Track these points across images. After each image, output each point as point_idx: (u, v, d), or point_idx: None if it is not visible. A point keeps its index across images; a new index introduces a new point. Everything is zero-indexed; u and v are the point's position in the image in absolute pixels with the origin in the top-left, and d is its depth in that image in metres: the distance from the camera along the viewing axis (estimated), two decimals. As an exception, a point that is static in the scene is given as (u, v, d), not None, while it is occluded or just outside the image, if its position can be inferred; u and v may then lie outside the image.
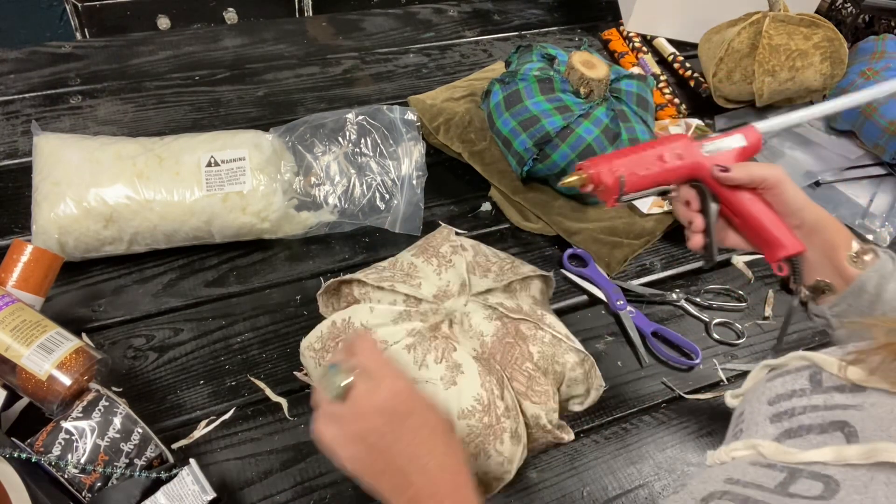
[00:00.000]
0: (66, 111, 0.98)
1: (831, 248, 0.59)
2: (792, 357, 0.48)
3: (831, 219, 0.61)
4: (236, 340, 0.76)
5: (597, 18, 1.33)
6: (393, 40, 1.20)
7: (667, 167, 0.64)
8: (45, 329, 0.62)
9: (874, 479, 0.33)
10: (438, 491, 0.46)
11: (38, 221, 0.74)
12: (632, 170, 0.63)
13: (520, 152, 0.89)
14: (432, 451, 0.48)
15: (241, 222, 0.79)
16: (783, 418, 0.43)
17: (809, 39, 1.05)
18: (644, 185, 0.64)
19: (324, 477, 0.66)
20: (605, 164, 0.64)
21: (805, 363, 0.46)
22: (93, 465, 0.57)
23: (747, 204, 0.62)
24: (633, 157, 0.64)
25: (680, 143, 0.65)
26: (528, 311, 0.66)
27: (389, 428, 0.47)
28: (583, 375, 0.65)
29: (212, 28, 1.20)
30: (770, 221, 0.61)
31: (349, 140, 0.88)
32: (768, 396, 0.46)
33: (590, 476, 0.69)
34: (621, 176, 0.63)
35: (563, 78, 0.89)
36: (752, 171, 0.61)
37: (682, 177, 0.65)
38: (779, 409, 0.44)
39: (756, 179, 0.61)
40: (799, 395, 0.44)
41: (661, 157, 0.64)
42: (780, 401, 0.44)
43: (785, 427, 0.42)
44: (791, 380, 0.46)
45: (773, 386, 0.46)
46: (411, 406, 0.49)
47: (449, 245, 0.71)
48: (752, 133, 0.65)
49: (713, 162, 0.63)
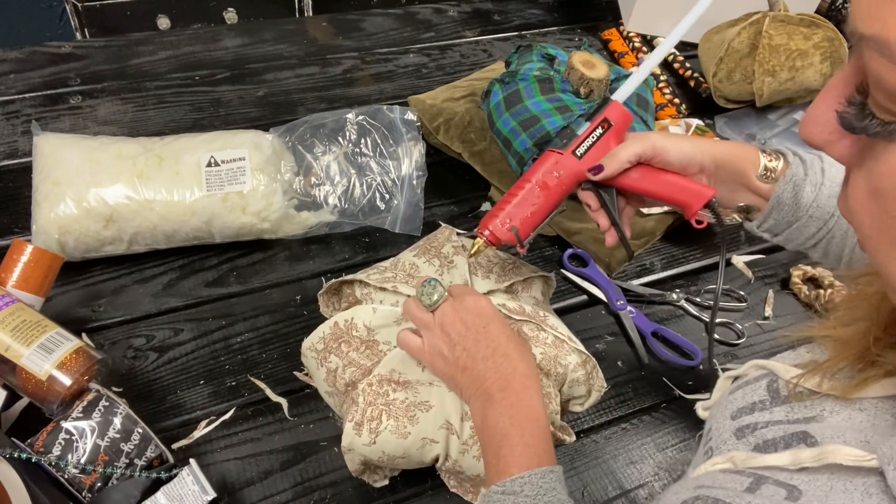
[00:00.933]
0: (66, 111, 0.98)
1: (740, 175, 0.61)
2: (750, 366, 0.49)
3: (731, 149, 0.61)
4: (236, 340, 0.76)
5: (597, 18, 1.33)
6: (393, 40, 1.20)
7: (551, 192, 0.63)
8: (45, 329, 0.62)
9: (833, 489, 0.34)
10: (509, 386, 0.54)
11: (38, 221, 0.74)
12: (521, 213, 0.63)
13: (520, 152, 0.88)
14: (507, 355, 0.56)
15: (242, 222, 0.79)
16: (746, 433, 0.43)
17: (809, 39, 1.05)
18: (538, 220, 0.64)
19: (324, 477, 0.66)
20: (494, 220, 0.63)
21: (762, 371, 0.47)
22: (93, 465, 0.57)
23: (640, 182, 0.61)
24: (517, 199, 0.63)
25: (551, 160, 0.63)
26: (531, 312, 0.66)
27: (471, 333, 0.56)
28: (584, 377, 0.65)
29: (212, 28, 1.20)
30: (669, 186, 0.60)
31: (349, 140, 0.88)
32: (731, 410, 0.46)
33: (590, 476, 0.69)
34: (513, 227, 0.63)
35: (564, 78, 0.89)
36: (622, 156, 0.60)
37: (568, 191, 0.64)
38: (741, 424, 0.44)
39: (631, 160, 0.60)
40: (760, 409, 0.44)
41: (542, 184, 0.63)
42: (743, 415, 0.45)
43: (752, 443, 0.42)
44: (751, 391, 0.46)
45: (734, 399, 0.47)
46: (489, 318, 0.57)
47: (451, 245, 0.71)
48: (614, 110, 0.62)
49: (586, 166, 0.62)
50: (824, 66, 1.07)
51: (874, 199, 0.31)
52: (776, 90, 1.08)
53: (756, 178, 0.60)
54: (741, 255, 0.93)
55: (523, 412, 0.53)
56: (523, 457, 0.51)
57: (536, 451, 0.52)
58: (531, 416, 0.54)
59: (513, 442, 0.52)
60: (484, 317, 0.57)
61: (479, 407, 0.55)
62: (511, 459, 0.51)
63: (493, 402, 0.54)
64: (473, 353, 0.56)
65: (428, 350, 0.59)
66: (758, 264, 0.93)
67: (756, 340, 0.84)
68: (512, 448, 0.52)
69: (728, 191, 0.62)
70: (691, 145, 0.61)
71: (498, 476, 0.51)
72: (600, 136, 0.62)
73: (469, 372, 0.56)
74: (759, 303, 0.88)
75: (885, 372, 0.38)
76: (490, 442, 0.54)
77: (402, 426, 0.59)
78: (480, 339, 0.56)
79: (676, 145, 0.60)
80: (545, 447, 0.53)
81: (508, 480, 0.50)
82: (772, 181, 0.60)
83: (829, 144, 0.34)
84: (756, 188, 0.61)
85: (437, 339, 0.58)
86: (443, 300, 0.59)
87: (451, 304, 0.58)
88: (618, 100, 0.63)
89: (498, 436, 0.53)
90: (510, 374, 0.55)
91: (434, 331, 0.58)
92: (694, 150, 0.60)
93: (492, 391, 0.55)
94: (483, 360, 0.56)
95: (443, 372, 0.59)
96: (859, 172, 0.32)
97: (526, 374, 0.56)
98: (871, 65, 0.28)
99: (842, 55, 1.06)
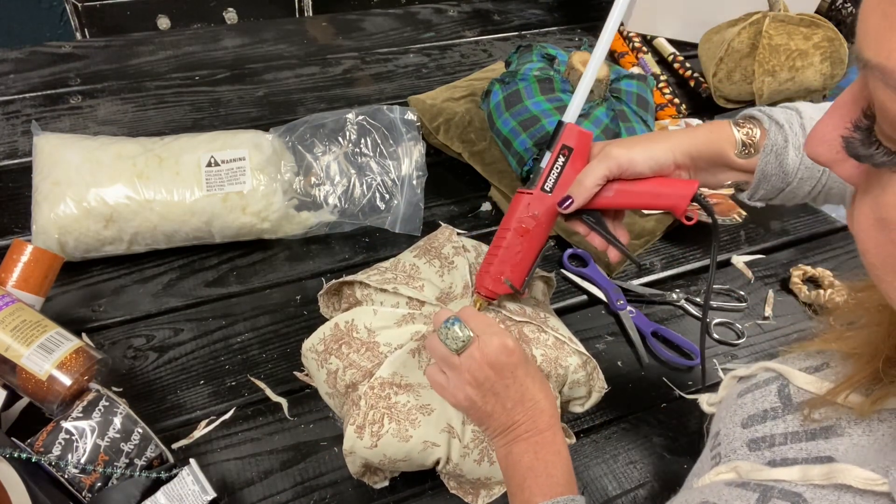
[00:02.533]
0: (66, 111, 0.98)
1: (719, 157, 0.58)
2: (759, 367, 0.48)
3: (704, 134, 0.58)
4: (236, 340, 0.76)
5: (597, 18, 1.33)
6: (393, 40, 1.20)
7: (531, 234, 0.62)
8: (45, 329, 0.62)
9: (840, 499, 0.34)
10: (535, 427, 0.55)
11: (38, 221, 0.74)
12: (510, 262, 0.63)
13: (520, 152, 0.88)
14: (535, 399, 0.56)
15: (242, 222, 0.79)
16: (762, 446, 0.42)
17: (809, 39, 1.05)
18: (527, 265, 0.63)
19: (324, 477, 0.66)
20: (488, 277, 0.63)
21: (772, 374, 0.46)
22: (93, 465, 0.57)
23: (616, 199, 0.59)
24: (502, 251, 0.63)
25: (523, 203, 0.61)
26: (532, 313, 0.66)
27: (500, 378, 0.55)
28: (585, 378, 0.65)
29: (212, 28, 1.20)
30: (647, 195, 0.58)
31: (349, 140, 0.88)
32: (741, 417, 0.45)
33: (590, 476, 0.69)
34: (505, 279, 0.63)
35: (563, 78, 0.89)
36: (587, 182, 0.57)
37: (549, 228, 0.63)
38: (755, 435, 0.43)
39: (599, 183, 0.58)
40: (772, 417, 0.43)
41: (521, 230, 0.62)
42: (754, 423, 0.44)
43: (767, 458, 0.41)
44: (761, 396, 0.45)
45: (743, 403, 0.46)
46: (518, 361, 0.56)
47: (451, 246, 0.71)
48: (569, 134, 0.59)
49: (555, 200, 0.60)
50: (824, 66, 1.07)
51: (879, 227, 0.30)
52: (776, 90, 1.08)
53: (735, 156, 0.58)
54: (741, 255, 0.93)
55: (547, 447, 0.55)
56: (546, 486, 0.53)
57: (559, 482, 0.53)
58: (554, 450, 0.55)
59: (537, 473, 0.53)
60: (512, 360, 0.56)
61: (505, 444, 0.56)
62: (536, 490, 0.53)
63: (518, 442, 0.55)
64: (503, 399, 0.56)
65: (452, 391, 0.58)
66: (758, 264, 0.93)
67: (756, 340, 0.84)
68: (536, 479, 0.53)
69: (710, 175, 0.60)
70: (661, 146, 0.57)
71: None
72: (564, 164, 0.60)
73: (498, 417, 0.56)
74: (759, 303, 0.88)
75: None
76: (514, 475, 0.55)
77: (403, 429, 0.59)
78: (510, 386, 0.56)
79: (644, 153, 0.57)
80: (568, 479, 0.54)
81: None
82: (752, 155, 0.57)
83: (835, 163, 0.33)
84: (739, 165, 0.58)
85: (464, 382, 0.56)
86: (470, 343, 0.56)
87: (478, 346, 0.56)
88: (569, 121, 0.60)
89: (523, 469, 0.54)
90: (537, 415, 0.56)
91: (462, 375, 0.56)
92: (664, 151, 0.57)
93: (518, 432, 0.56)
94: (513, 407, 0.56)
95: (467, 412, 0.59)
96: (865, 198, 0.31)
97: (551, 414, 0.56)
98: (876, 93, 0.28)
99: (842, 55, 1.06)
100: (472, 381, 0.56)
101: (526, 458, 0.54)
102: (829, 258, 0.95)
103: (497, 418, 0.56)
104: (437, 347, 0.57)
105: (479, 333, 0.56)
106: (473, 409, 0.57)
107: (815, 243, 0.97)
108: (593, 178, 0.57)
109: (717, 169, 0.59)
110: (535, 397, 0.56)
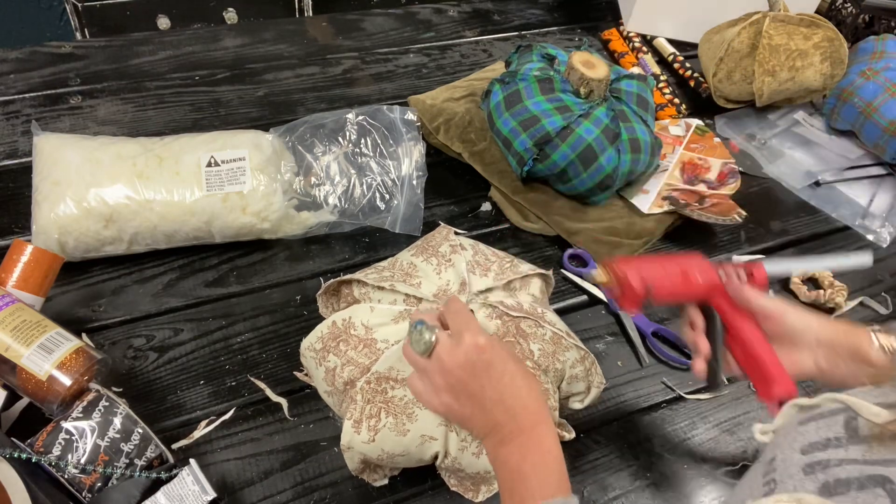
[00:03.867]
0: (66, 111, 0.97)
1: (856, 351, 0.59)
2: (826, 398, 0.46)
3: (843, 326, 0.60)
4: (236, 340, 0.76)
5: (597, 18, 1.33)
6: (393, 40, 1.20)
7: (690, 285, 0.63)
8: (45, 329, 0.62)
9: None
10: (518, 426, 0.52)
11: (38, 221, 0.74)
12: (658, 280, 0.62)
13: (520, 152, 0.89)
14: (514, 395, 0.53)
15: (242, 222, 0.79)
16: (816, 469, 0.41)
17: (809, 39, 1.05)
18: (666, 296, 0.63)
19: (324, 477, 0.66)
20: (634, 268, 0.62)
21: (839, 405, 0.45)
22: (93, 465, 0.57)
23: (748, 331, 0.61)
24: (657, 266, 0.62)
25: (700, 263, 0.64)
26: (529, 308, 0.66)
27: (473, 379, 0.53)
28: (583, 372, 0.65)
29: (212, 28, 1.20)
30: (767, 354, 0.60)
31: (349, 140, 0.88)
32: (801, 444, 0.44)
33: (590, 476, 0.69)
34: (650, 285, 0.61)
35: (563, 78, 0.89)
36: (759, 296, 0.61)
37: (699, 296, 0.64)
38: (812, 459, 0.42)
39: (761, 304, 0.61)
40: (835, 446, 0.42)
41: (685, 273, 0.63)
42: (814, 450, 0.42)
43: (821, 481, 0.40)
44: (825, 425, 0.44)
45: (805, 431, 0.45)
46: (490, 358, 0.53)
47: (448, 244, 0.71)
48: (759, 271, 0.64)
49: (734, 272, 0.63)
50: (824, 66, 1.07)
51: None
52: (776, 90, 1.08)
53: (873, 352, 0.58)
54: (741, 255, 0.93)
55: (533, 448, 0.52)
56: (537, 489, 0.50)
57: (549, 483, 0.51)
58: (542, 450, 0.52)
59: (525, 476, 0.51)
60: (484, 357, 0.53)
61: (492, 447, 0.54)
62: (525, 493, 0.51)
63: (504, 443, 0.53)
64: (480, 400, 0.53)
65: (428, 398, 0.56)
66: (758, 264, 0.92)
67: (756, 340, 0.84)
68: (524, 482, 0.51)
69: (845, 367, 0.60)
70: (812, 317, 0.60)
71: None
72: None
73: (478, 420, 0.54)
74: (759, 303, 0.88)
75: None
76: (503, 479, 0.53)
77: (400, 423, 0.59)
78: (486, 386, 0.53)
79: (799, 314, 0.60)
80: (558, 479, 0.52)
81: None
82: (888, 355, 0.58)
83: None
84: (874, 362, 0.58)
85: (437, 387, 0.54)
86: (434, 344, 0.54)
87: (447, 347, 0.53)
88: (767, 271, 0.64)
89: (510, 473, 0.52)
90: (520, 413, 0.53)
91: (434, 378, 0.54)
92: (814, 320, 0.60)
93: (502, 433, 0.53)
94: (493, 408, 0.53)
95: (447, 417, 0.57)
96: None
97: (535, 410, 0.54)
98: None
99: (842, 55, 1.06)
100: (444, 385, 0.54)
101: (512, 460, 0.52)
102: (829, 258, 0.95)
103: (477, 421, 0.54)
104: (408, 353, 0.56)
105: (454, 332, 0.55)
106: (451, 413, 0.55)
107: (815, 243, 0.97)
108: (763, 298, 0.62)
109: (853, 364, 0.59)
110: (517, 394, 0.53)
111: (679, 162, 1.01)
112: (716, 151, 1.03)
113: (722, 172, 1.00)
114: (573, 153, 0.85)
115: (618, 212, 0.93)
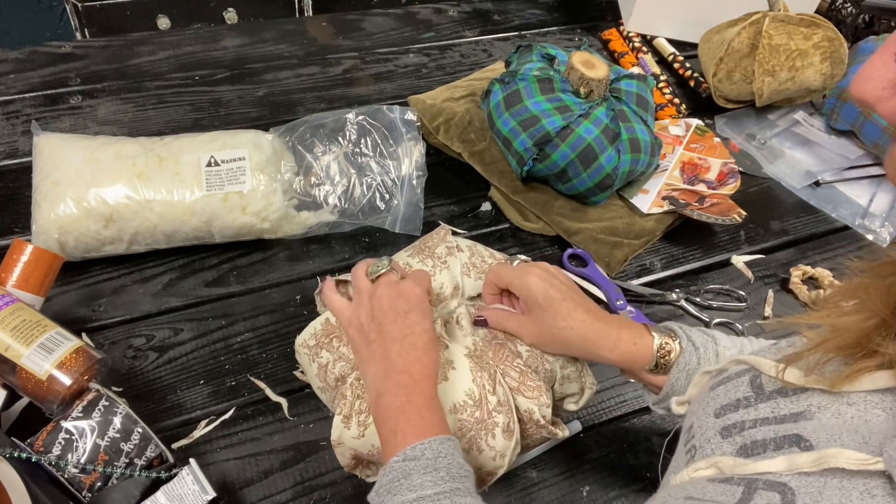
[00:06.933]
0: (66, 111, 0.98)
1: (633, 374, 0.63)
2: (731, 362, 0.48)
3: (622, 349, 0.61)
4: (236, 340, 0.76)
5: (597, 18, 1.33)
6: (393, 40, 1.20)
7: None
8: (45, 329, 0.62)
9: (827, 485, 0.33)
10: (407, 370, 0.55)
11: (38, 221, 0.74)
12: None
13: (520, 152, 0.89)
14: (415, 344, 0.56)
15: (241, 222, 0.79)
16: (733, 432, 0.42)
17: (809, 39, 1.05)
18: None
19: (324, 477, 0.66)
20: None
21: (744, 367, 0.46)
22: (93, 464, 0.57)
23: None
24: None
25: None
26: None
27: (391, 313, 0.57)
28: (576, 373, 0.65)
29: (212, 28, 1.20)
30: None
31: (349, 140, 0.88)
32: (714, 407, 0.45)
33: (590, 476, 0.69)
34: None
35: (563, 78, 0.89)
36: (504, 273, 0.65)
37: None
38: (727, 423, 0.43)
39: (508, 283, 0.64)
40: (745, 406, 0.43)
41: None
42: (727, 412, 0.44)
43: (738, 443, 0.41)
44: (733, 387, 0.45)
45: (716, 395, 0.46)
46: (415, 306, 0.58)
47: (445, 246, 0.71)
48: None
49: None
50: (824, 66, 1.07)
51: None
52: (776, 90, 1.08)
53: (646, 371, 0.61)
54: (741, 255, 0.93)
55: (419, 392, 0.54)
56: (420, 427, 0.52)
57: (432, 424, 0.52)
58: (427, 396, 0.54)
59: (410, 416, 0.53)
60: (411, 303, 0.57)
61: (375, 384, 0.56)
62: (409, 431, 0.52)
63: (389, 382, 0.55)
64: (385, 331, 0.56)
65: (348, 314, 0.60)
66: (757, 264, 0.93)
67: (756, 340, 0.84)
68: (409, 421, 0.52)
69: None
70: None
71: (395, 450, 0.51)
72: None
73: (374, 347, 0.57)
74: (759, 303, 0.88)
75: (876, 364, 0.37)
76: (387, 420, 0.54)
77: None
78: (398, 322, 0.57)
79: None
80: (441, 423, 0.53)
81: (408, 448, 0.50)
82: (661, 373, 0.60)
83: (880, 101, 0.33)
84: (649, 380, 0.61)
85: (361, 307, 0.59)
86: (384, 271, 0.60)
87: (389, 282, 0.59)
88: None
89: (395, 413, 0.53)
90: (412, 361, 0.55)
91: (363, 299, 0.59)
92: None
93: (389, 370, 0.55)
94: (391, 341, 0.56)
95: (351, 338, 0.60)
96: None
97: (427, 364, 0.56)
98: None
99: (842, 55, 1.06)
100: (367, 306, 0.58)
101: (398, 401, 0.53)
102: (828, 258, 0.95)
103: (373, 348, 0.57)
104: (358, 270, 0.62)
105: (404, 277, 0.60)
106: (357, 333, 0.58)
107: (814, 243, 0.97)
108: None
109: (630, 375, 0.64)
110: (416, 343, 0.56)
111: (679, 162, 1.01)
112: (716, 151, 1.03)
113: (722, 172, 1.00)
114: (573, 153, 0.85)
115: (618, 212, 0.93)
